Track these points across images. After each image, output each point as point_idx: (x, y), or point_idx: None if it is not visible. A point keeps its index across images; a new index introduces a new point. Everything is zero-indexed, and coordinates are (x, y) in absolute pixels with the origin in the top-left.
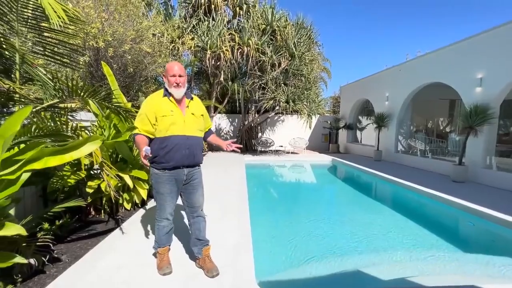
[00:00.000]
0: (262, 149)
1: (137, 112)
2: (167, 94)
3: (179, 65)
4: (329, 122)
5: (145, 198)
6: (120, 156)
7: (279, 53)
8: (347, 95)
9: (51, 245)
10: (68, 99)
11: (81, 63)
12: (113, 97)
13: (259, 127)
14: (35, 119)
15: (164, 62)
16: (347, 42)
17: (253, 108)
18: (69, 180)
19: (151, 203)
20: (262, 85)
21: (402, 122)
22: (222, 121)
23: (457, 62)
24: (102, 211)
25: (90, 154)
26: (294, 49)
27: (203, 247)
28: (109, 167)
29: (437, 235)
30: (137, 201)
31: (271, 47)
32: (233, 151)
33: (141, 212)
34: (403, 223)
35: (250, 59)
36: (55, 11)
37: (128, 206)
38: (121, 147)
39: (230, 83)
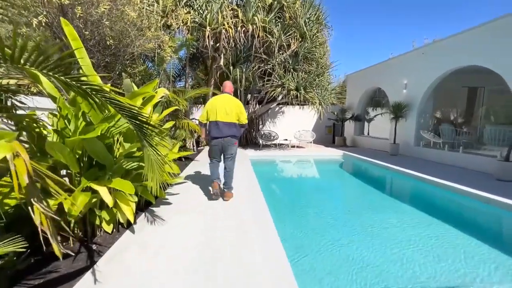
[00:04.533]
0: (265, 143)
1: (120, 95)
2: None
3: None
4: (335, 113)
5: (131, 218)
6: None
7: (288, 33)
8: (354, 84)
9: None
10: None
11: (35, 25)
12: (81, 71)
13: (259, 119)
14: None
15: (156, 36)
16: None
17: (254, 98)
18: (6, 200)
19: (142, 221)
20: (268, 70)
21: (423, 112)
22: None
23: (502, 42)
24: (71, 238)
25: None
26: (304, 28)
27: (225, 190)
28: (62, 183)
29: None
30: (122, 221)
31: (279, 25)
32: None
33: (127, 236)
34: (443, 231)
35: (256, 39)
36: None
37: (108, 228)
38: (93, 146)
39: (231, 68)
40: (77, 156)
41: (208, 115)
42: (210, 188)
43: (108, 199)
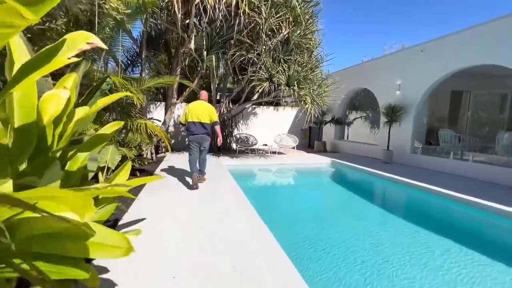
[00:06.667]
0: (241, 148)
1: None
2: None
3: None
4: (316, 115)
5: None
6: None
7: (278, 15)
8: (335, 84)
9: None
10: None
11: None
12: None
13: (232, 120)
14: None
15: None
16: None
17: (226, 96)
18: None
19: None
20: (254, 59)
21: (420, 116)
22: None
23: None
24: None
25: None
26: (298, 9)
27: (200, 175)
28: None
29: None
30: None
31: (269, 2)
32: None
33: None
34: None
35: (242, 16)
36: None
37: None
38: None
39: (204, 54)
40: None
41: (187, 117)
42: (191, 179)
43: None
